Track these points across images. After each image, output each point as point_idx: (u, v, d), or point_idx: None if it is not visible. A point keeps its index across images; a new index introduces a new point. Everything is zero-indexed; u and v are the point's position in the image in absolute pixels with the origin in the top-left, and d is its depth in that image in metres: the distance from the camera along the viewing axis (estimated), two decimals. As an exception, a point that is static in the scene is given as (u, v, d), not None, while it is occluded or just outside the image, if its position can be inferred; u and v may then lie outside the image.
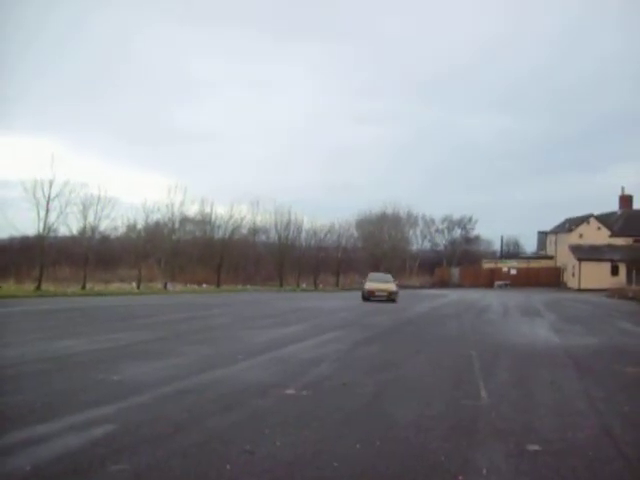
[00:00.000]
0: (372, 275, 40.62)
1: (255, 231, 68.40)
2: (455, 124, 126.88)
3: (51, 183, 40.42)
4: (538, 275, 75.67)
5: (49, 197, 40.72)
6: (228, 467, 5.60)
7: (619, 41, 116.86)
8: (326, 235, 69.21)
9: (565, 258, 73.14)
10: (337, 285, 64.14)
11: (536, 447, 6.42)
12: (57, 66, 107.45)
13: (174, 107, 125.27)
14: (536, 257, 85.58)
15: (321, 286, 62.15)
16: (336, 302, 34.28)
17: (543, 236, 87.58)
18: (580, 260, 65.83)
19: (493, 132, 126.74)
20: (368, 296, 35.57)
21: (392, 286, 36.55)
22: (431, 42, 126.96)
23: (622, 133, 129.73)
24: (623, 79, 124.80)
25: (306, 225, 67.70)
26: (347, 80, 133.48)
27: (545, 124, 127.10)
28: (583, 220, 73.82)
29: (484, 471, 5.63)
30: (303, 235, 67.75)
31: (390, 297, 35.24)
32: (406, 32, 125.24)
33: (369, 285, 36.84)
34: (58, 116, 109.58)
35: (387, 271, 55.08)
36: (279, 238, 65.52)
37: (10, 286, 39.41)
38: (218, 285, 54.54)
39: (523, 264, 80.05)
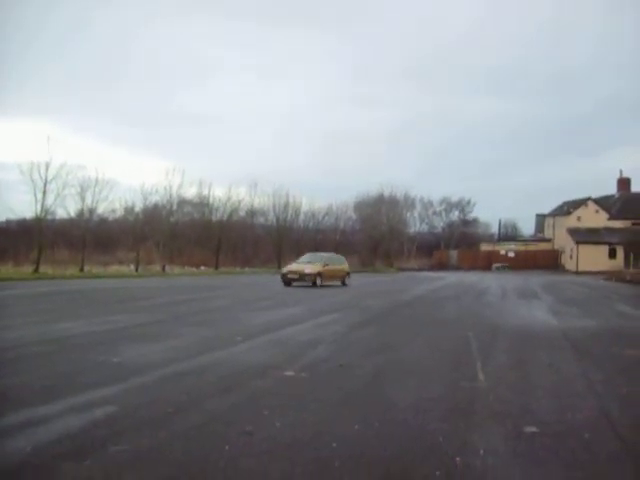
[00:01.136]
0: (305, 256, 37.22)
1: (253, 213, 68.45)
2: (453, 107, 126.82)
3: (48, 165, 40.47)
4: (536, 258, 75.85)
5: (46, 179, 40.77)
6: (227, 448, 5.63)
7: (616, 25, 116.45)
8: (324, 217, 69.50)
9: (563, 241, 73.25)
10: (335, 267, 64.20)
11: (534, 429, 6.44)
12: (56, 49, 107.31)
13: (173, 90, 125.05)
14: (534, 240, 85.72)
15: (319, 268, 62.23)
16: (331, 284, 34.27)
17: (541, 219, 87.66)
18: (578, 243, 65.93)
19: (492, 115, 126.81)
20: (282, 279, 32.71)
21: (313, 267, 32.54)
22: (430, 25, 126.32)
23: (620, 117, 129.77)
24: (621, 63, 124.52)
25: (304, 207, 67.94)
26: (346, 63, 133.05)
27: (544, 108, 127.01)
28: (581, 203, 73.91)
29: (481, 452, 5.66)
30: (301, 217, 68.05)
31: (313, 281, 31.93)
32: (404, 14, 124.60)
33: (290, 266, 34.35)
34: (56, 99, 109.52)
35: (386, 254, 54.85)
36: (277, 220, 65.61)
37: (8, 269, 39.46)
38: (216, 267, 54.61)
39: (521, 247, 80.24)
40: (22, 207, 53.42)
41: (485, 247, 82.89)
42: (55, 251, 47.03)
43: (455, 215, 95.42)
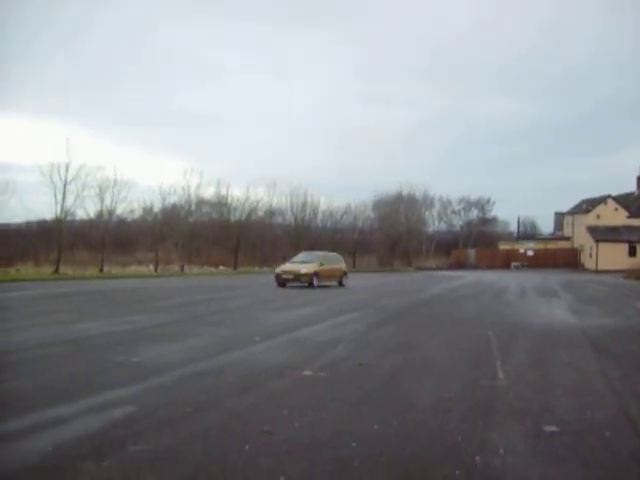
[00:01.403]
0: (300, 255, 35.21)
1: (271, 213, 68.43)
2: (471, 106, 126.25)
3: (67, 167, 40.65)
4: (555, 256, 75.43)
5: (66, 181, 40.96)
6: (247, 448, 5.63)
7: (633, 20, 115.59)
8: (342, 216, 69.35)
9: (582, 239, 72.81)
10: (353, 266, 64.09)
11: (553, 428, 6.41)
12: (73, 50, 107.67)
13: (190, 90, 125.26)
14: (553, 238, 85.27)
15: (337, 267, 62.22)
16: (352, 283, 34.22)
17: (560, 217, 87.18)
18: (597, 241, 65.53)
19: (510, 114, 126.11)
20: (276, 280, 30.96)
21: (310, 267, 30.91)
22: (445, 23, 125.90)
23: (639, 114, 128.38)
24: (638, 59, 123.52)
25: (322, 206, 67.86)
26: (362, 62, 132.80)
27: (562, 105, 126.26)
28: (600, 201, 73.39)
29: (501, 451, 5.64)
30: (319, 216, 67.93)
31: (309, 282, 30.38)
32: (419, 13, 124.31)
33: (284, 266, 32.51)
34: (74, 100, 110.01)
35: (404, 253, 54.55)
36: (295, 220, 65.65)
37: (28, 269, 39.77)
38: (235, 267, 54.71)
39: (540, 245, 79.82)
40: (42, 208, 54.16)
41: (504, 246, 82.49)
42: (75, 252, 47.30)
43: (474, 214, 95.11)
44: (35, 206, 71.85)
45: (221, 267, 54.21)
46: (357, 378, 8.82)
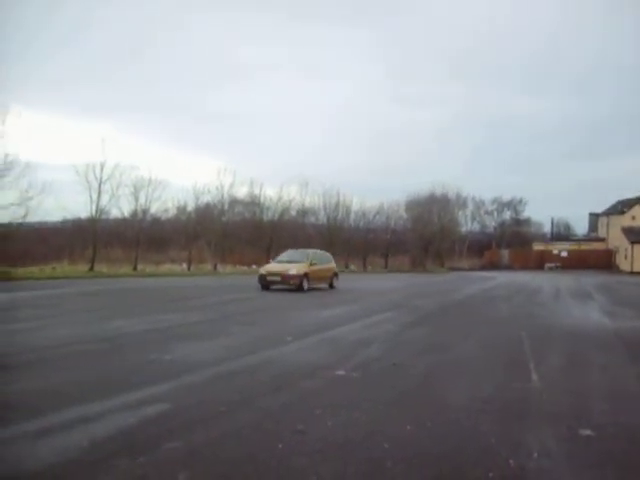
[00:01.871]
0: (286, 253, 31.27)
1: (304, 212, 68.47)
2: (505, 104, 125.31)
3: (102, 166, 41.06)
4: (589, 258, 74.64)
5: (101, 180, 41.37)
6: (280, 447, 5.65)
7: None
8: (375, 216, 69.08)
9: (617, 240, 71.93)
10: (386, 267, 64.04)
11: (588, 432, 6.35)
12: (108, 49, 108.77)
13: (224, 90, 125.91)
14: (587, 239, 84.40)
15: (370, 267, 62.15)
16: (385, 283, 34.22)
17: (594, 218, 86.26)
18: (633, 243, 64.65)
19: (545, 112, 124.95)
20: (260, 282, 27.54)
21: (299, 268, 27.33)
22: (477, 22, 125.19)
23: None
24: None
25: (355, 206, 67.64)
26: (392, 62, 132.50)
27: (599, 104, 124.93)
28: (636, 202, 72.38)
29: (535, 455, 5.59)
30: (352, 216, 67.72)
31: (298, 284, 26.87)
32: (451, 12, 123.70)
33: (269, 266, 28.77)
34: (109, 99, 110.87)
35: (437, 254, 54.04)
36: (328, 219, 65.62)
37: (64, 267, 40.21)
38: (266, 267, 54.81)
39: (574, 246, 79.06)
40: (77, 207, 54.88)
41: (537, 247, 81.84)
42: (109, 250, 47.75)
43: (507, 214, 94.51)
44: (70, 205, 72.32)
45: (254, 266, 54.31)
46: (390, 378, 8.80)
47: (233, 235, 57.94)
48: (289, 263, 27.82)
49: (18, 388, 7.80)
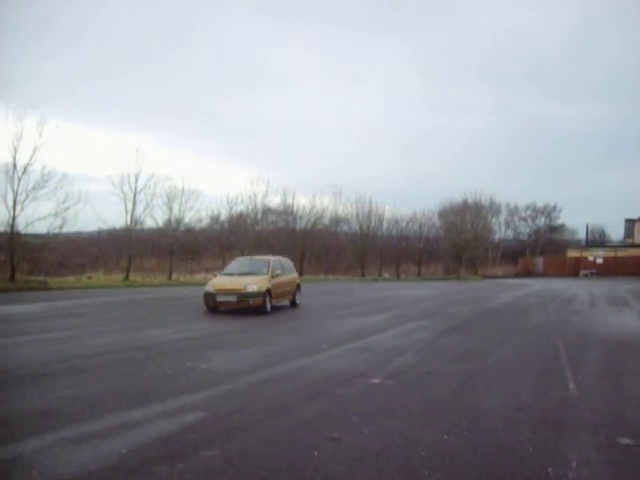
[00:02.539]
0: (236, 262, 23.21)
1: (337, 221, 68.52)
2: (537, 111, 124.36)
3: (137, 176, 41.52)
4: (625, 264, 73.54)
5: (135, 190, 41.82)
6: (316, 454, 5.68)
7: None
8: (408, 224, 68.86)
9: (654, 246, 70.99)
10: (419, 275, 63.79)
11: (628, 440, 6.28)
12: (142, 63, 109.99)
13: (256, 99, 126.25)
14: (623, 245, 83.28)
15: (403, 276, 61.96)
16: (418, 291, 34.09)
17: (630, 224, 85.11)
18: (670, 248, 63.75)
19: (577, 119, 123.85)
20: (207, 302, 20.07)
21: (260, 282, 20.00)
22: (509, 28, 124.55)
23: None
24: None
25: (387, 214, 67.51)
26: (428, 68, 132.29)
27: (631, 110, 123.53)
28: (673, 207, 71.43)
29: (574, 464, 5.55)
30: (384, 224, 67.60)
31: (260, 304, 19.61)
32: (481, 21, 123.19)
33: (216, 281, 20.69)
34: (141, 110, 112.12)
35: (470, 261, 53.56)
36: (360, 228, 65.50)
37: (99, 277, 40.64)
38: (300, 275, 54.83)
39: (610, 253, 78.02)
40: (112, 217, 55.65)
41: (572, 253, 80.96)
42: (144, 259, 48.22)
43: (541, 221, 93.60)
44: (106, 215, 73.28)
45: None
46: (425, 386, 8.78)
47: (266, 244, 58.16)
48: (244, 276, 20.42)
49: (58, 396, 7.91)
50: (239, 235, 54.92)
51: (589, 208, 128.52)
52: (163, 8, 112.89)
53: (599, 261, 75.59)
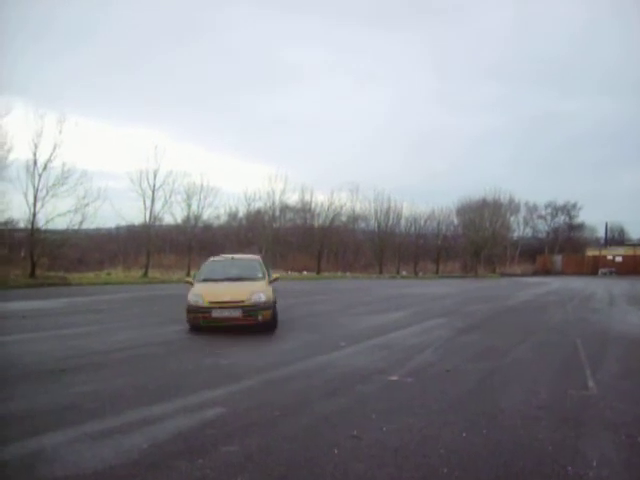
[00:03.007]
0: (212, 265, 16.91)
1: (355, 219, 68.48)
2: (558, 107, 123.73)
3: (155, 173, 41.70)
4: (645, 263, 73.13)
5: (154, 187, 42.00)
6: (336, 451, 5.69)
7: None
8: (426, 222, 68.77)
9: (675, 245, 70.41)
10: (437, 272, 63.69)
11: (649, 439, 6.26)
12: (161, 59, 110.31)
13: (274, 96, 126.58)
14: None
15: (420, 273, 61.88)
16: (436, 289, 34.04)
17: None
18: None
19: (598, 116, 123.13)
20: (195, 321, 14.31)
21: (267, 289, 15.02)
22: (519, 28, 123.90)
23: None
24: None
25: (405, 212, 67.43)
26: (446, 65, 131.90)
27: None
28: (694, 205, 70.80)
29: (594, 463, 5.53)
30: (402, 222, 67.51)
31: (260, 318, 14.17)
32: (493, 19, 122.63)
33: (205, 292, 14.57)
34: (161, 106, 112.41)
35: (488, 259, 53.17)
36: (378, 225, 65.47)
37: (118, 273, 40.86)
38: (318, 272, 54.94)
39: (629, 251, 77.49)
40: (131, 213, 55.85)
41: (591, 252, 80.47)
42: (162, 256, 48.44)
43: (561, 219, 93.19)
44: (124, 211, 73.61)
45: (304, 272, 54.42)
46: (444, 384, 8.77)
47: (284, 241, 58.27)
48: (238, 282, 15.27)
49: (79, 391, 7.98)
50: (257, 232, 55.06)
51: (609, 206, 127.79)
52: (180, 7, 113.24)
53: (618, 259, 75.10)
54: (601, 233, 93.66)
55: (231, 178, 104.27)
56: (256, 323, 13.98)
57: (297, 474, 5.18)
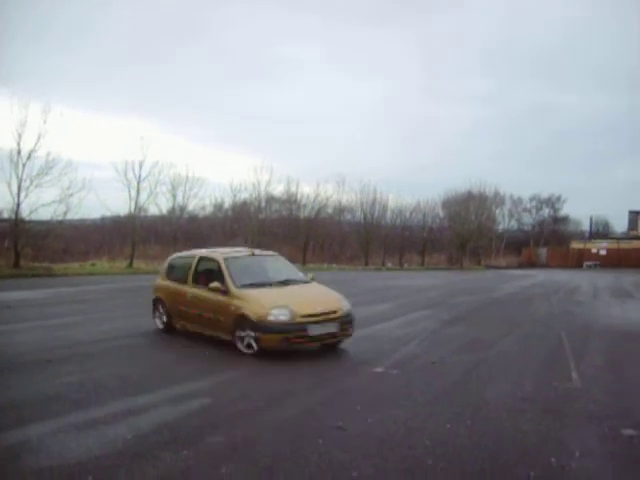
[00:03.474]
0: (243, 262, 12.06)
1: (340, 210, 68.37)
2: (544, 100, 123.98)
3: (141, 164, 41.47)
4: (629, 256, 73.31)
5: (139, 178, 41.78)
6: (321, 442, 5.70)
7: None
8: (411, 214, 68.73)
9: (658, 238, 70.80)
10: (422, 264, 63.77)
11: (631, 431, 6.30)
12: (147, 46, 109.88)
13: (261, 87, 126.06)
14: (627, 237, 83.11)
15: (406, 265, 61.96)
16: (422, 281, 34.06)
17: (634, 216, 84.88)
18: (674, 241, 63.57)
19: (583, 109, 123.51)
20: (282, 344, 9.93)
21: (340, 295, 11.82)
22: (508, 16, 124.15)
23: None
24: None
25: (391, 204, 67.28)
26: (431, 58, 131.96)
27: (636, 101, 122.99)
28: (678, 199, 71.22)
29: (577, 454, 5.57)
30: (388, 214, 67.43)
31: (349, 332, 10.96)
32: (480, 9, 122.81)
33: (277, 301, 10.38)
34: (147, 97, 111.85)
35: (473, 252, 53.09)
36: (364, 217, 65.35)
37: (103, 264, 40.66)
38: (304, 264, 54.83)
39: (613, 244, 77.87)
40: (116, 204, 55.64)
41: (576, 245, 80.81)
42: (147, 247, 48.24)
43: (545, 212, 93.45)
44: (109, 202, 73.28)
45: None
46: (430, 376, 8.80)
47: (270, 232, 58.18)
48: (290, 285, 11.74)
49: (64, 382, 7.97)
50: (242, 223, 54.91)
51: (593, 200, 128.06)
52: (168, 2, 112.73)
53: (602, 253, 75.40)
54: (586, 226, 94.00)
55: (217, 169, 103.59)
56: (350, 336, 11.07)
57: (282, 464, 5.18)
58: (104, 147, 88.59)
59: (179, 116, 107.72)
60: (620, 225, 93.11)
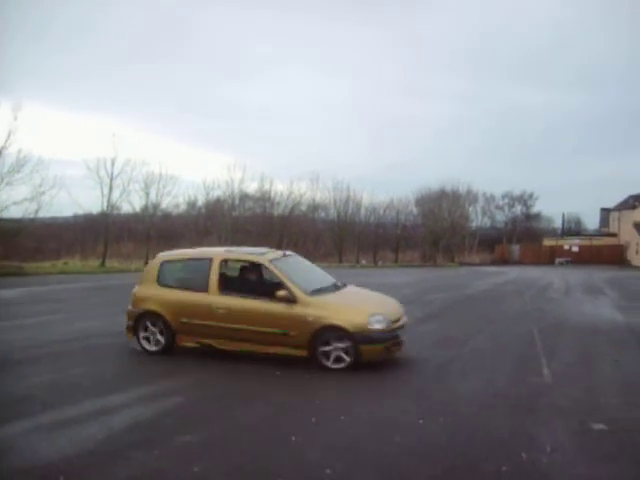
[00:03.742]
0: (292, 264, 11.03)
1: (314, 208, 68.37)
2: (516, 100, 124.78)
3: (113, 161, 41.20)
4: (600, 253, 74.03)
5: (112, 175, 41.52)
6: (293, 439, 5.71)
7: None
8: (385, 212, 68.91)
9: (629, 236, 71.45)
10: (396, 261, 63.95)
11: (601, 426, 6.37)
12: (120, 44, 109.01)
13: (234, 85, 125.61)
14: (599, 235, 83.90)
15: (380, 262, 62.10)
16: (396, 278, 34.11)
17: (606, 213, 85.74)
18: (644, 238, 64.23)
19: (555, 108, 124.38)
20: (388, 354, 9.39)
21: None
22: (486, 16, 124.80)
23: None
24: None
25: (365, 201, 67.43)
26: (403, 57, 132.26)
27: (609, 100, 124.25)
28: (648, 197, 71.94)
29: (548, 449, 5.63)
30: (362, 212, 67.56)
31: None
32: (460, 9, 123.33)
33: (371, 309, 9.65)
34: (120, 95, 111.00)
35: (447, 249, 53.33)
36: (338, 215, 65.48)
37: (76, 262, 40.37)
38: (278, 262, 54.76)
39: (585, 242, 78.59)
40: (89, 202, 54.87)
41: (548, 242, 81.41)
42: (120, 245, 47.95)
43: (518, 209, 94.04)
44: (82, 200, 72.72)
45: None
46: (403, 372, 8.84)
47: (243, 230, 58.05)
48: (337, 291, 10.61)
49: (35, 382, 7.91)
50: (216, 221, 54.75)
51: (565, 197, 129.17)
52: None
53: (575, 250, 76.00)
54: (558, 224, 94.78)
55: (190, 167, 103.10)
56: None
57: (255, 462, 5.19)
58: (76, 145, 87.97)
59: (152, 114, 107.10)
60: (592, 222, 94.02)
